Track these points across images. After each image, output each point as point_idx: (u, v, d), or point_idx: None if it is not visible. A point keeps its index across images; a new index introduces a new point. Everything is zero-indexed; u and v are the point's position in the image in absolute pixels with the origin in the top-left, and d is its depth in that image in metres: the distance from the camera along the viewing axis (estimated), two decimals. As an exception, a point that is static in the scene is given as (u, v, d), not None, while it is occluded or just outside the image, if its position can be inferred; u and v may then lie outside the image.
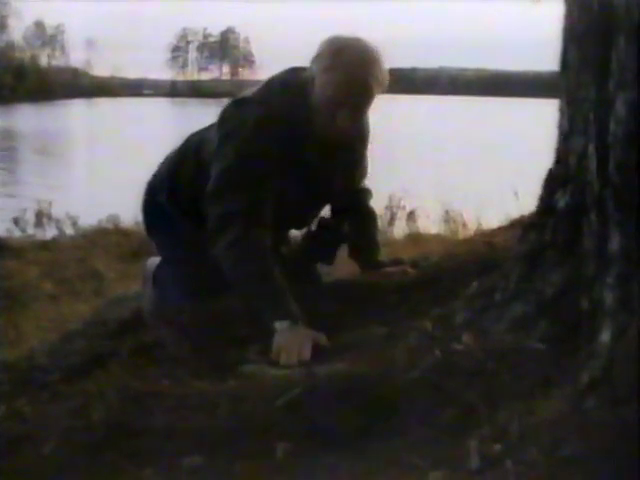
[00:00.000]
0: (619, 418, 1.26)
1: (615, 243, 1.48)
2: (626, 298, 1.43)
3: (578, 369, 1.43)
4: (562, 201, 1.69)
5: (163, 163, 2.96)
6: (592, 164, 1.55)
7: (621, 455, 1.21)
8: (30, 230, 9.22)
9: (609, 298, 1.47)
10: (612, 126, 1.49)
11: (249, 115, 2.48)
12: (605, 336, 1.43)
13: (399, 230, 8.87)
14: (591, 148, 1.56)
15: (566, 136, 1.70)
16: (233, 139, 2.48)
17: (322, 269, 3.17)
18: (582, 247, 1.59)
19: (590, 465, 1.21)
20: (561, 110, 1.72)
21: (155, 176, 2.96)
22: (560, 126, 1.74)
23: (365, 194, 2.96)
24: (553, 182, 1.74)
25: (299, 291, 2.30)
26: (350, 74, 2.45)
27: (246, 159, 2.44)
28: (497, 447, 1.33)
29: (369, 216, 2.98)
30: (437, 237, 7.99)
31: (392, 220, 9.06)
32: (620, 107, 1.47)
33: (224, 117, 2.57)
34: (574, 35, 1.65)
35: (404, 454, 1.39)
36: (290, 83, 2.54)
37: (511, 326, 1.70)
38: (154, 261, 3.05)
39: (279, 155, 2.45)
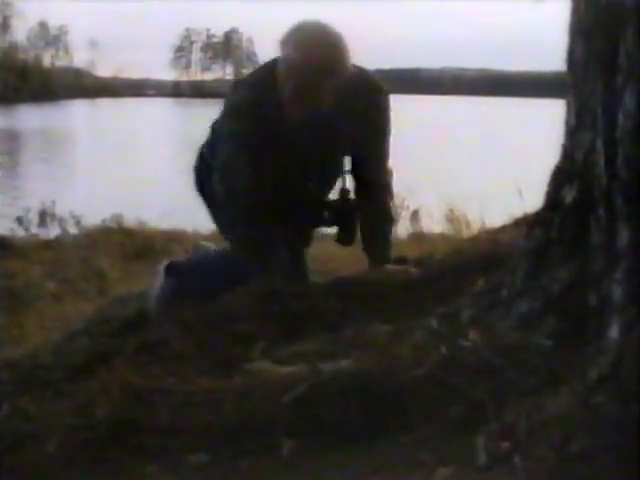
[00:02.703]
0: (628, 414, 1.25)
1: (623, 238, 1.47)
2: (634, 293, 1.42)
3: (586, 365, 1.42)
4: (569, 196, 1.67)
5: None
6: (600, 158, 1.54)
7: (630, 451, 1.20)
8: (34, 229, 9.26)
9: (617, 293, 1.45)
10: (621, 119, 1.47)
11: (239, 97, 2.81)
12: (613, 331, 1.42)
13: (403, 229, 8.87)
14: (599, 142, 1.55)
15: (573, 131, 1.69)
16: (228, 119, 2.84)
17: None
18: (589, 242, 1.58)
19: (599, 461, 1.20)
20: (568, 105, 1.71)
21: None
22: (567, 121, 1.72)
23: (383, 193, 3.03)
24: (560, 177, 1.73)
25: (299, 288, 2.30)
26: (300, 68, 2.67)
27: (240, 137, 2.77)
28: (505, 444, 1.32)
29: (384, 217, 3.06)
30: (441, 236, 7.99)
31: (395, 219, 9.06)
32: (629, 100, 1.46)
33: (226, 99, 2.91)
34: (581, 29, 1.64)
35: (411, 451, 1.38)
36: (271, 69, 2.78)
37: (518, 323, 1.69)
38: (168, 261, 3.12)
39: (265, 132, 2.73)
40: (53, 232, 9.19)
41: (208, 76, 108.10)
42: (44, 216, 9.55)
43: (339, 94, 2.75)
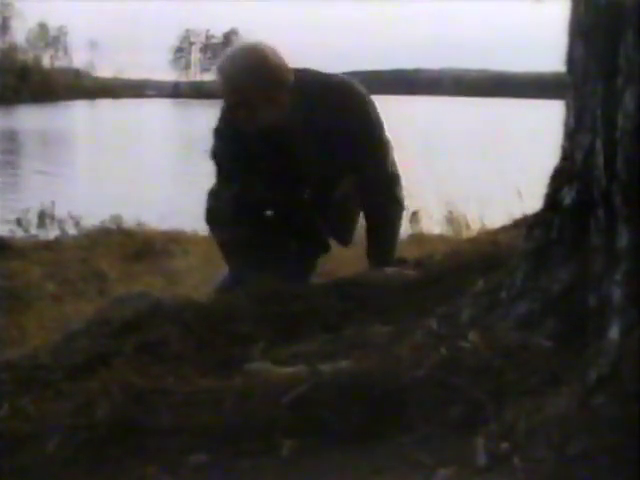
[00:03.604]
0: (627, 415, 1.25)
1: (623, 239, 1.47)
2: (634, 294, 1.42)
3: (586, 366, 1.42)
4: (568, 197, 1.67)
5: None
6: (599, 160, 1.54)
7: (630, 452, 1.20)
8: (33, 230, 9.25)
9: (617, 294, 1.45)
10: (620, 121, 1.48)
11: (219, 116, 3.00)
12: (613, 333, 1.42)
13: (402, 231, 8.85)
14: (598, 143, 1.55)
15: (572, 132, 1.69)
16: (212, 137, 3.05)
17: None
18: (589, 243, 1.58)
19: (599, 461, 1.20)
20: (567, 106, 1.71)
21: None
22: (566, 122, 1.72)
23: (385, 201, 3.05)
24: (559, 178, 1.73)
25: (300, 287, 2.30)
26: (221, 84, 2.84)
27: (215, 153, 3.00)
28: (504, 445, 1.32)
29: (386, 227, 3.08)
30: (440, 237, 7.99)
31: (395, 221, 9.04)
32: (629, 101, 1.46)
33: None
34: (581, 30, 1.64)
35: (410, 452, 1.38)
36: None
37: (517, 324, 1.69)
38: None
39: (242, 147, 2.91)
40: (52, 233, 9.19)
41: (207, 77, 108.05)
42: (43, 217, 9.54)
43: (311, 106, 2.83)
